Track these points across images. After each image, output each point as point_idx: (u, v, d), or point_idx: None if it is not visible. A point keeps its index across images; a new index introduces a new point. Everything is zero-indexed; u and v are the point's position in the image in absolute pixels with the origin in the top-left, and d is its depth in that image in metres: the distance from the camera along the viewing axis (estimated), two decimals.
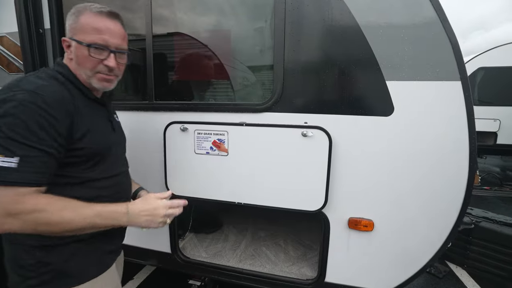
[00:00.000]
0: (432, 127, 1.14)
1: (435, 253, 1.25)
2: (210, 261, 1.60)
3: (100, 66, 0.87)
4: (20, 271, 0.84)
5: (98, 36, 0.84)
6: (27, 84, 0.75)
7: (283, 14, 1.19)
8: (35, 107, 0.72)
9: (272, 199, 1.30)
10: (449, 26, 1.07)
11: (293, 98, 1.24)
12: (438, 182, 1.17)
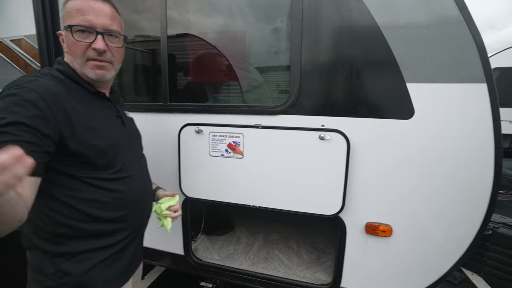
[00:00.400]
0: (455, 131, 1.10)
1: (456, 262, 1.21)
2: (223, 264, 1.59)
3: (89, 51, 0.80)
4: (40, 279, 0.82)
5: (81, 17, 0.78)
6: (20, 80, 0.72)
7: (300, 15, 1.17)
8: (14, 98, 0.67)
9: (288, 202, 1.28)
10: (474, 25, 1.03)
11: (310, 101, 1.22)
12: (460, 188, 1.13)
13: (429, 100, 1.10)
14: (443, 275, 1.22)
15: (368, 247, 1.27)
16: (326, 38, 1.18)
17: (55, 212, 0.79)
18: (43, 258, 0.81)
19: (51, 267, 0.80)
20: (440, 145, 1.12)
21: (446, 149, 1.12)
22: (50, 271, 0.80)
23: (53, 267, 0.80)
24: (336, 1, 1.14)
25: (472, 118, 1.07)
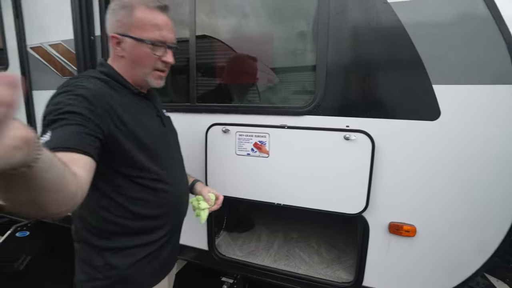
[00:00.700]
0: (482, 133, 1.10)
1: (480, 266, 1.20)
2: (246, 260, 1.64)
3: (158, 63, 0.87)
4: (88, 270, 0.88)
5: (158, 33, 0.83)
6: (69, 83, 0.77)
7: (327, 18, 1.21)
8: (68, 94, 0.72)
9: (312, 201, 1.32)
10: (504, 25, 1.03)
11: (335, 102, 1.25)
12: (487, 190, 1.13)
13: (456, 101, 1.11)
14: (467, 279, 1.22)
15: (391, 246, 1.29)
16: (352, 40, 1.20)
17: (103, 210, 0.84)
18: (92, 251, 0.87)
19: (99, 260, 0.86)
20: (467, 146, 1.12)
21: (473, 150, 1.12)
22: (99, 264, 0.86)
23: (101, 260, 0.86)
24: (362, 4, 1.17)
25: (501, 120, 1.07)
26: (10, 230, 2.11)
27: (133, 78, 0.90)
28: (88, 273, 0.88)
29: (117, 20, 0.83)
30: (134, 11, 0.82)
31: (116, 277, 0.88)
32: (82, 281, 0.89)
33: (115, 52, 0.87)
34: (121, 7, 0.83)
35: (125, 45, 0.84)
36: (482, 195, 1.14)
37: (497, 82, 1.05)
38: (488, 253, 1.18)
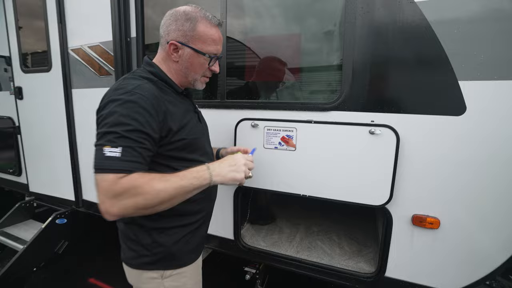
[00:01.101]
0: (509, 127, 1.12)
1: (504, 262, 1.22)
2: (270, 250, 1.72)
3: (207, 71, 1.00)
4: (136, 248, 0.98)
5: (215, 47, 0.97)
6: (127, 85, 0.87)
7: (354, 18, 1.26)
8: (133, 105, 0.82)
9: (337, 192, 1.38)
10: None
11: (361, 98, 1.30)
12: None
13: (482, 97, 1.14)
14: (488, 275, 1.24)
15: (414, 238, 1.32)
16: (378, 39, 1.26)
17: None
18: (140, 231, 0.97)
19: (147, 239, 0.97)
20: (492, 141, 1.15)
21: (499, 145, 1.14)
22: (146, 242, 0.97)
23: (149, 239, 0.97)
24: (389, 4, 1.22)
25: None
26: (50, 218, 2.29)
27: (181, 80, 1.01)
28: (136, 250, 0.99)
29: (179, 30, 0.93)
30: (197, 25, 0.93)
31: (163, 253, 0.99)
32: (130, 258, 1.01)
33: (170, 57, 0.97)
34: (185, 19, 0.93)
35: (182, 52, 0.95)
36: (507, 192, 1.16)
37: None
38: (510, 251, 1.20)
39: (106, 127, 0.80)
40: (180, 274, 1.03)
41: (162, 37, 0.98)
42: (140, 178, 0.78)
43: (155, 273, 0.99)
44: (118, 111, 0.80)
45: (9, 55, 2.47)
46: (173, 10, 0.96)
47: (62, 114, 2.28)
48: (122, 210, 0.77)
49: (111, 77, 2.02)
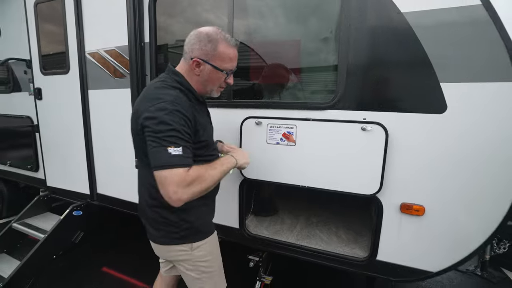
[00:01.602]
0: (485, 124, 1.26)
1: (484, 242, 1.36)
2: (272, 237, 1.87)
3: (223, 83, 1.19)
4: (165, 228, 1.16)
5: (231, 64, 1.15)
6: (166, 96, 1.04)
7: (347, 26, 1.41)
8: (177, 113, 1.01)
9: (333, 183, 1.53)
10: (502, 26, 1.17)
11: (354, 98, 1.45)
12: (489, 175, 1.29)
13: (461, 97, 1.28)
14: (472, 253, 1.38)
15: (402, 224, 1.47)
16: (369, 45, 1.40)
17: None
18: (168, 212, 1.15)
19: (175, 218, 1.15)
20: (471, 136, 1.29)
21: (476, 140, 1.28)
22: (175, 221, 1.15)
23: (177, 218, 1.15)
24: (379, 14, 1.37)
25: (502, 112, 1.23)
26: (68, 209, 2.46)
27: (200, 90, 1.19)
28: (165, 230, 1.18)
29: (202, 49, 1.10)
30: (218, 46, 1.10)
31: (189, 229, 1.18)
32: (160, 237, 1.20)
33: (193, 71, 1.14)
34: (208, 40, 1.09)
35: (203, 68, 1.13)
36: (484, 180, 1.30)
37: (499, 80, 1.21)
38: (489, 232, 1.34)
39: (163, 132, 0.97)
40: (205, 244, 1.24)
41: (186, 53, 1.15)
42: (199, 169, 1.02)
43: (184, 246, 1.19)
44: (170, 119, 0.98)
45: (30, 58, 2.64)
46: (197, 31, 1.13)
47: (78, 113, 2.45)
48: (191, 196, 0.99)
49: (125, 79, 2.18)
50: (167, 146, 0.96)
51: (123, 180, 2.37)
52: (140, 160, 1.22)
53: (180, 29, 2.09)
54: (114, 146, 2.36)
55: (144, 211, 1.23)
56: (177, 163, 0.95)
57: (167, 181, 0.95)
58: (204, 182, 1.02)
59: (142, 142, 1.06)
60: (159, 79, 1.17)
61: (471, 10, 1.21)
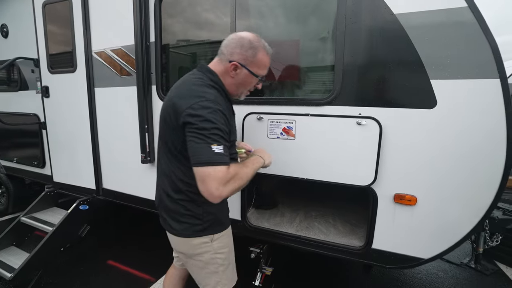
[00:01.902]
0: (472, 118, 1.35)
1: (472, 228, 1.45)
2: (273, 228, 1.96)
3: (252, 87, 1.27)
4: (188, 220, 1.21)
5: (264, 71, 1.22)
6: (208, 94, 1.08)
7: (343, 27, 1.50)
8: (218, 113, 1.05)
9: (330, 175, 1.61)
10: (486, 27, 1.27)
11: (350, 94, 1.54)
12: (476, 166, 1.38)
13: (450, 93, 1.37)
14: (461, 239, 1.47)
15: (396, 214, 1.56)
16: (363, 44, 1.49)
17: None
18: (193, 205, 1.21)
19: (199, 210, 1.21)
20: (459, 129, 1.38)
21: (464, 132, 1.37)
22: (199, 212, 1.21)
23: (201, 209, 1.21)
24: (373, 15, 1.45)
25: (486, 108, 1.32)
26: (75, 204, 2.54)
27: (232, 92, 1.26)
28: (189, 222, 1.22)
29: (243, 54, 1.15)
30: (258, 53, 1.16)
31: (212, 220, 1.25)
32: (183, 229, 1.23)
33: (229, 73, 1.19)
34: (249, 47, 1.15)
35: (240, 71, 1.18)
36: (471, 171, 1.39)
37: (484, 77, 1.30)
38: (475, 220, 1.43)
39: (207, 130, 1.01)
40: (223, 235, 1.31)
41: (224, 54, 1.19)
42: (236, 167, 1.09)
43: (206, 238, 1.24)
44: (213, 118, 1.03)
45: (37, 58, 2.73)
46: (240, 37, 1.17)
47: (85, 110, 2.54)
48: (230, 192, 1.05)
49: (131, 77, 2.27)
50: (211, 143, 1.00)
51: (128, 175, 2.46)
52: (168, 154, 1.21)
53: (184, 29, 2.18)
54: (120, 142, 2.45)
55: (164, 204, 1.26)
56: (220, 160, 1.00)
57: (210, 177, 0.99)
58: (240, 180, 1.08)
59: (179, 137, 1.10)
60: (195, 76, 1.19)
61: (458, 12, 1.30)
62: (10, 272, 2.15)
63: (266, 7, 1.78)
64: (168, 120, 1.14)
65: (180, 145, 1.12)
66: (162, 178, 1.28)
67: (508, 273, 2.70)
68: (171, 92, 1.21)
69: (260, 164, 1.26)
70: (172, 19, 2.16)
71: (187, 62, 2.29)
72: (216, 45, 2.06)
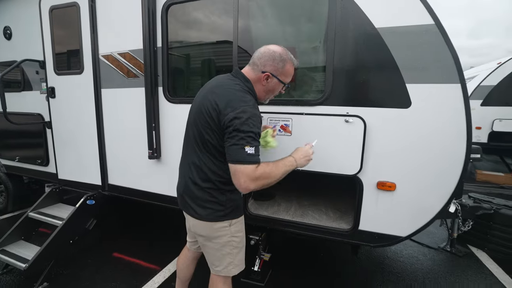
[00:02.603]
0: (439, 116, 1.62)
1: (439, 211, 1.72)
2: (271, 216, 2.18)
3: (277, 93, 1.46)
4: (213, 206, 1.39)
5: (290, 79, 1.42)
6: (248, 100, 1.26)
7: (333, 37, 1.74)
8: (256, 117, 1.24)
9: (322, 166, 1.85)
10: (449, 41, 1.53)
11: (339, 96, 1.79)
12: (444, 156, 1.65)
13: (421, 95, 1.63)
14: (433, 218, 1.73)
15: (379, 198, 1.81)
16: (350, 53, 1.74)
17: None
18: (218, 192, 1.39)
19: (223, 197, 1.40)
20: (429, 126, 1.64)
21: (434, 128, 1.64)
22: (223, 200, 1.40)
23: (225, 197, 1.40)
24: (358, 28, 1.70)
25: (451, 108, 1.59)
26: (82, 199, 2.68)
27: (260, 97, 1.45)
28: (213, 208, 1.40)
29: (274, 66, 1.35)
30: (286, 65, 1.36)
31: (233, 206, 1.44)
32: (207, 214, 1.40)
33: (260, 82, 1.37)
34: (280, 60, 1.34)
35: (271, 80, 1.37)
36: (439, 161, 1.66)
37: (447, 82, 1.57)
38: (443, 202, 1.70)
39: (244, 133, 1.19)
40: (239, 221, 1.50)
41: (256, 65, 1.36)
42: (266, 167, 1.26)
43: (226, 222, 1.42)
44: (251, 122, 1.21)
45: (43, 59, 2.85)
46: (271, 50, 1.35)
47: (91, 110, 2.68)
48: (256, 187, 1.24)
49: (138, 79, 2.44)
50: (245, 145, 1.18)
51: (134, 171, 2.63)
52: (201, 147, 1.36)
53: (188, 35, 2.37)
54: (126, 139, 2.61)
55: (190, 191, 1.41)
56: (250, 160, 1.19)
57: (240, 173, 1.20)
58: (268, 178, 1.26)
59: (217, 135, 1.27)
60: (234, 81, 1.35)
61: (427, 27, 1.57)
62: (24, 263, 2.28)
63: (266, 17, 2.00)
64: (208, 118, 1.29)
65: (217, 142, 1.29)
66: (189, 167, 1.43)
67: (477, 254, 3.03)
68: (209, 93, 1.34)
69: (292, 167, 1.39)
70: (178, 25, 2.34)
71: (191, 65, 2.48)
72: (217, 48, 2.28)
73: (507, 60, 5.67)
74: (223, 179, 1.38)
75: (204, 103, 1.34)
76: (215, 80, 1.44)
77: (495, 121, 5.60)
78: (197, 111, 1.38)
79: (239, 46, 2.03)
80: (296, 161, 1.42)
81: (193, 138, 1.40)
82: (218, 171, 1.36)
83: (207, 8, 2.20)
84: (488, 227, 3.06)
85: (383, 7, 1.64)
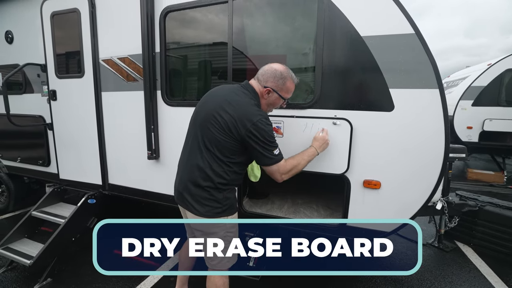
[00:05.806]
0: (420, 119, 1.74)
1: (420, 207, 1.84)
2: (265, 213, 2.29)
3: (278, 106, 1.64)
4: (211, 204, 1.51)
5: (290, 95, 1.60)
6: (262, 113, 1.47)
7: (322, 45, 1.85)
8: (271, 126, 1.49)
9: (313, 166, 1.95)
10: (428, 49, 1.65)
11: (327, 100, 1.90)
12: (424, 156, 1.77)
13: (403, 99, 1.75)
14: (416, 212, 1.85)
15: (365, 196, 1.93)
16: (338, 60, 1.85)
17: (235, 173, 1.55)
18: (217, 191, 1.52)
19: (221, 195, 1.53)
20: (411, 128, 1.76)
21: (414, 130, 1.75)
22: (220, 198, 1.53)
23: (222, 195, 1.53)
24: (345, 37, 1.81)
25: (430, 111, 1.71)
26: (83, 198, 2.78)
27: (262, 109, 1.60)
28: (211, 205, 1.53)
29: (275, 82, 1.54)
30: (286, 82, 1.56)
31: (229, 204, 1.57)
32: (206, 211, 1.53)
33: (263, 95, 1.57)
34: (280, 77, 1.54)
35: (272, 95, 1.57)
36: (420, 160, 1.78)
37: (427, 87, 1.69)
38: (425, 198, 1.82)
39: (268, 140, 1.45)
40: (234, 217, 1.64)
41: (260, 80, 1.57)
42: (292, 160, 1.59)
43: (222, 219, 1.55)
44: (270, 130, 1.47)
45: (45, 63, 2.94)
46: (274, 68, 1.55)
47: (92, 112, 2.78)
48: (290, 176, 1.57)
49: (137, 83, 2.54)
50: (273, 149, 1.47)
51: (133, 171, 2.73)
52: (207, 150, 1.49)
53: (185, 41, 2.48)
54: (125, 141, 2.71)
55: (190, 190, 1.53)
56: (279, 158, 1.50)
57: (276, 172, 1.52)
58: (296, 168, 1.59)
59: (232, 144, 1.45)
60: (247, 96, 1.53)
61: (408, 37, 1.68)
62: (28, 260, 2.38)
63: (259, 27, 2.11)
64: (224, 125, 1.44)
65: (229, 150, 1.47)
66: (191, 168, 1.54)
67: (463, 249, 3.17)
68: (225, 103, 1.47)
69: (313, 157, 1.71)
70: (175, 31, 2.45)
71: (188, 69, 2.58)
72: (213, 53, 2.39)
73: (496, 62, 5.83)
74: (224, 181, 1.52)
75: (219, 112, 1.46)
76: (227, 90, 1.57)
77: (486, 121, 5.75)
78: (208, 117, 1.49)
79: (234, 48, 2.14)
80: (317, 149, 1.73)
81: (201, 139, 1.51)
82: (221, 172, 1.49)
83: (203, 15, 2.30)
84: (473, 223, 3.19)
85: (368, 17, 1.76)
